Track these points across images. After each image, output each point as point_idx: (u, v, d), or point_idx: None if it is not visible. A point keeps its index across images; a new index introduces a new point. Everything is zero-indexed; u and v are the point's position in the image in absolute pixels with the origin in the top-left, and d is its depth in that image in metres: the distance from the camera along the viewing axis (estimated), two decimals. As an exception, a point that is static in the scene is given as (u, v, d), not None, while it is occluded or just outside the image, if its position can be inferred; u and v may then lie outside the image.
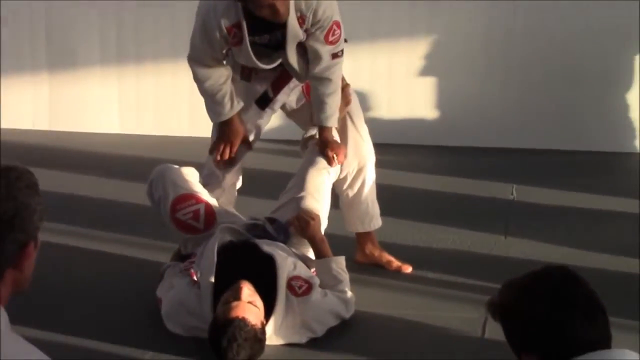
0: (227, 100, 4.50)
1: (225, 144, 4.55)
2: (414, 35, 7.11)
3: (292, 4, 4.24)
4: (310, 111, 4.73)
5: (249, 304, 3.86)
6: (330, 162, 4.52)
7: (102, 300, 4.50)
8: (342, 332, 4.16)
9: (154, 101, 7.44)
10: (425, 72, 7.13)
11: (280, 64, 4.50)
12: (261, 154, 5.57)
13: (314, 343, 4.07)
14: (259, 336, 3.83)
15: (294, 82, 4.62)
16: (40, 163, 5.81)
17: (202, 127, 4.96)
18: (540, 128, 7.05)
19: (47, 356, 2.06)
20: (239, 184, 4.85)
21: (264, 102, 4.65)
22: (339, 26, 4.42)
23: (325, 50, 4.43)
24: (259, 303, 3.92)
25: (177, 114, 7.35)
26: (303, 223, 4.37)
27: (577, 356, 2.16)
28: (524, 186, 6.14)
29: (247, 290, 3.89)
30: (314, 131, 4.69)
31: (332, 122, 4.55)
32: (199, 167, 4.67)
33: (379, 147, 5.03)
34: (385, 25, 7.09)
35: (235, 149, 4.57)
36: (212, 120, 4.64)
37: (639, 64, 6.94)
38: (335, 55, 4.46)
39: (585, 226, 5.51)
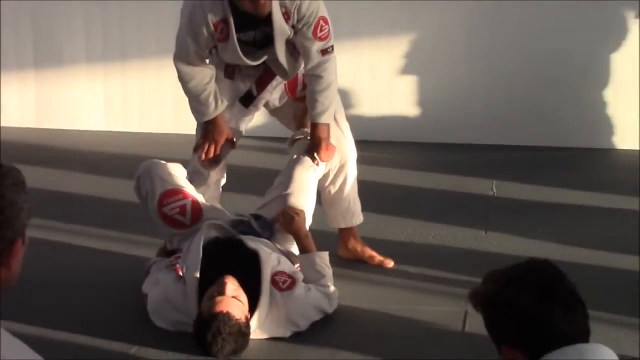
0: (211, 100, 4.50)
1: (210, 142, 4.55)
2: (396, 33, 7.12)
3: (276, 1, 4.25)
4: (293, 108, 4.74)
5: (233, 299, 3.88)
6: (313, 160, 4.52)
7: (88, 296, 4.50)
8: (325, 327, 4.17)
9: (139, 99, 7.43)
10: (406, 70, 7.15)
11: (264, 62, 4.51)
12: (245, 151, 5.57)
13: (297, 337, 4.09)
14: (243, 330, 3.85)
15: (277, 80, 4.61)
16: (27, 160, 5.82)
17: (187, 125, 4.96)
18: (520, 125, 7.07)
19: (34, 352, 2.06)
20: (223, 181, 4.85)
21: (248, 100, 4.65)
22: (326, 22, 4.41)
23: (314, 47, 4.42)
24: (243, 298, 3.93)
25: (161, 111, 7.34)
26: (288, 218, 4.38)
27: (556, 349, 2.17)
28: (504, 182, 6.16)
29: (232, 285, 3.90)
30: (302, 135, 4.69)
31: (324, 119, 4.52)
32: (184, 164, 4.67)
33: (361, 143, 5.04)
34: (367, 23, 7.09)
35: (219, 147, 4.57)
36: (196, 119, 4.63)
37: (615, 61, 6.98)
38: (325, 52, 4.44)
39: (564, 221, 5.53)
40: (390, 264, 4.82)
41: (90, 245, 5.11)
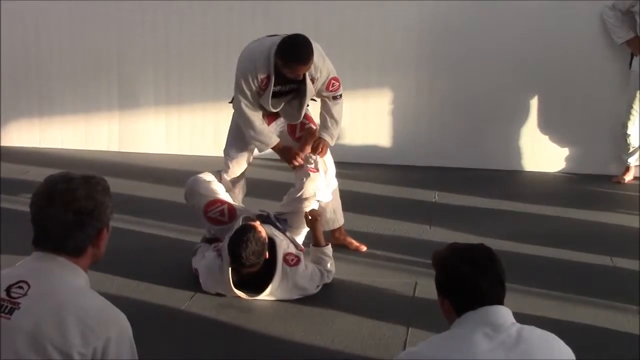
0: (271, 133, 4.52)
1: (294, 156, 4.55)
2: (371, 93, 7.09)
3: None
4: (286, 140, 4.67)
5: (261, 225, 4.00)
6: (314, 153, 4.54)
7: (150, 264, 4.47)
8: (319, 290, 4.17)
9: (189, 131, 7.41)
10: (376, 115, 7.11)
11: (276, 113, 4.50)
12: (257, 167, 5.54)
13: (300, 299, 4.08)
14: (262, 241, 3.90)
15: (277, 123, 4.60)
16: (113, 173, 5.80)
17: (221, 149, 4.92)
18: (456, 152, 7.01)
19: (117, 309, 2.06)
20: (244, 191, 4.85)
21: None
22: (337, 80, 4.49)
23: (328, 95, 4.52)
24: (264, 234, 3.98)
25: (205, 139, 7.31)
26: (313, 218, 4.33)
27: (474, 308, 2.13)
28: (443, 192, 6.16)
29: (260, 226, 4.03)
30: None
31: (326, 137, 4.58)
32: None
33: (346, 165, 5.03)
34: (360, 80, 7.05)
35: (300, 155, 4.55)
36: (262, 149, 4.58)
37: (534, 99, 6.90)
38: (335, 98, 4.56)
39: (485, 219, 5.51)
40: (363, 248, 4.82)
41: (153, 232, 5.09)
